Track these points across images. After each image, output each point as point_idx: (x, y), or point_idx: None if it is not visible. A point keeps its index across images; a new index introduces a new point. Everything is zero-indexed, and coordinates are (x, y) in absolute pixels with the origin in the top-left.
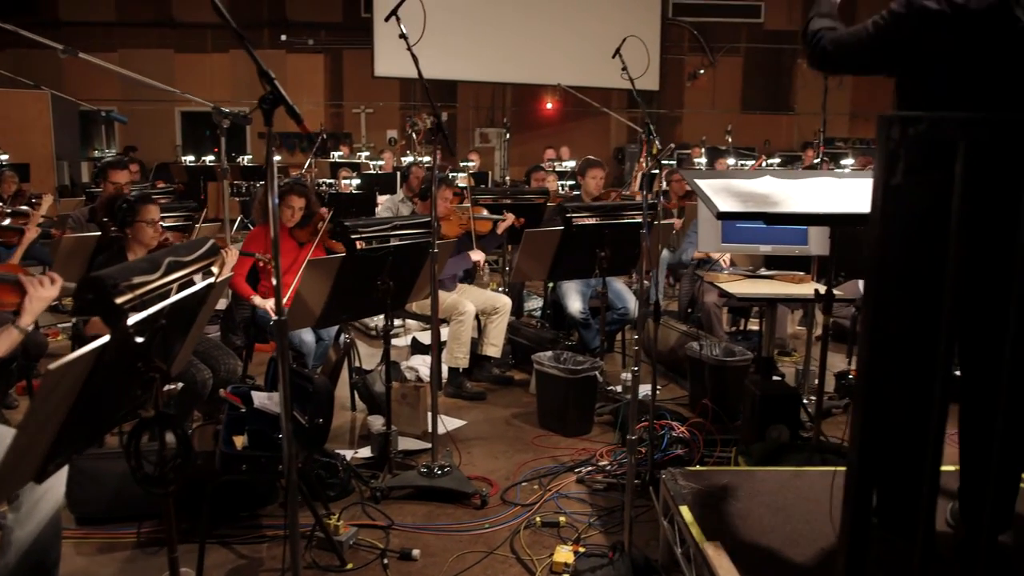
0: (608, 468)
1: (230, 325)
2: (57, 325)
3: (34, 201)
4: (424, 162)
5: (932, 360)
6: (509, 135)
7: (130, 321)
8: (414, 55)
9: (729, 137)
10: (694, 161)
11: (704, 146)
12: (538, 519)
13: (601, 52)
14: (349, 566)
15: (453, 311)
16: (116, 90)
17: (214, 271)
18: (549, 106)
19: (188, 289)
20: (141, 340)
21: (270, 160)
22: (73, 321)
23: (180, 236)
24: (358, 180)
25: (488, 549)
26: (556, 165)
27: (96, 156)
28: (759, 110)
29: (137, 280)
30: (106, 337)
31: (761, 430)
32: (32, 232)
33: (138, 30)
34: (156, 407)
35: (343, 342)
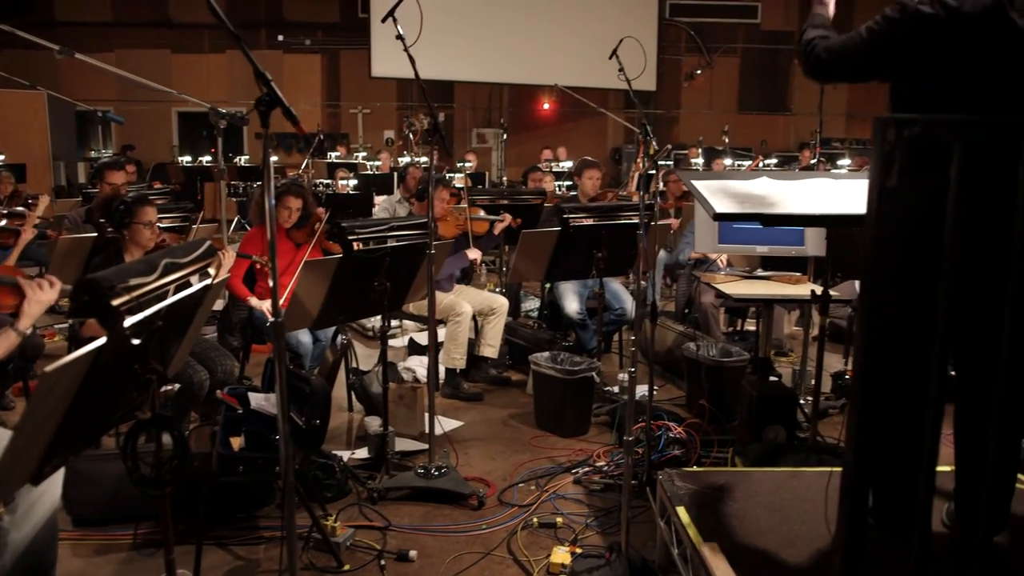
0: (605, 469)
1: (227, 326)
2: (54, 326)
3: (30, 202)
4: (421, 163)
5: (928, 361)
6: (506, 135)
7: (126, 323)
8: (411, 56)
9: (726, 137)
10: (691, 161)
11: (701, 146)
12: (535, 520)
13: (598, 52)
14: (346, 567)
15: (450, 312)
16: (113, 90)
17: (211, 272)
18: (546, 106)
19: (185, 291)
20: (137, 342)
21: (267, 161)
22: (70, 322)
23: (177, 238)
24: (355, 181)
25: (485, 550)
26: (553, 165)
27: (93, 156)
28: (756, 110)
29: (133, 282)
30: (103, 339)
31: (758, 431)
32: (28, 233)
33: (135, 30)
34: (153, 409)
35: (340, 343)
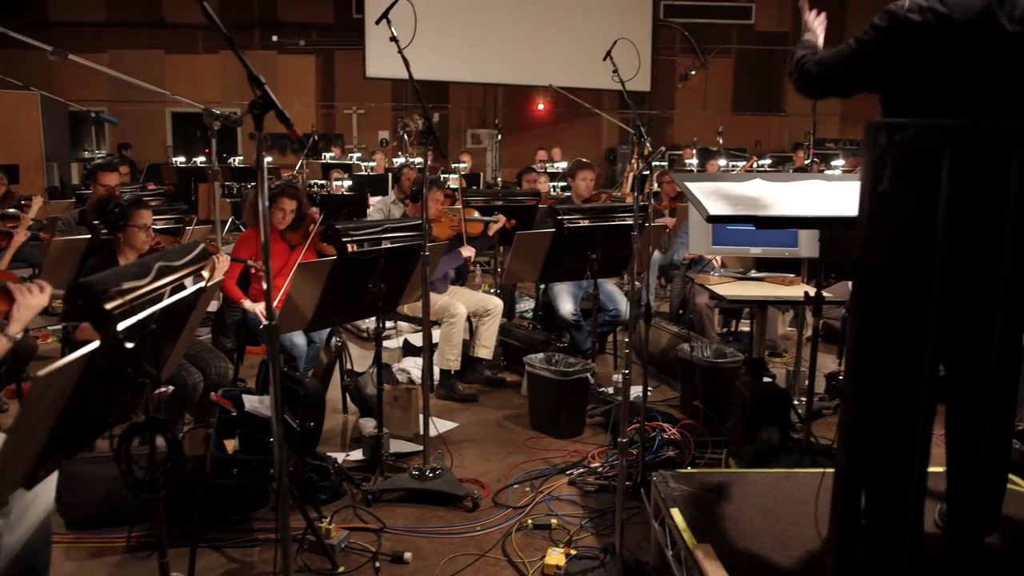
0: (600, 470)
1: (221, 328)
2: (47, 328)
3: (23, 203)
4: (416, 163)
5: (919, 362)
6: (500, 136)
7: (120, 327)
8: (405, 59)
9: (720, 138)
10: (685, 162)
11: (695, 147)
12: (530, 521)
13: (592, 53)
14: (341, 569)
15: (445, 313)
16: (106, 91)
17: (204, 275)
18: (541, 107)
19: (178, 294)
20: (131, 345)
21: (260, 164)
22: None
23: (172, 240)
24: (349, 182)
25: (480, 552)
26: (548, 166)
27: (86, 157)
28: (750, 111)
29: (127, 285)
30: (96, 343)
31: (752, 432)
32: (21, 235)
33: (128, 30)
34: (147, 412)
35: (334, 345)
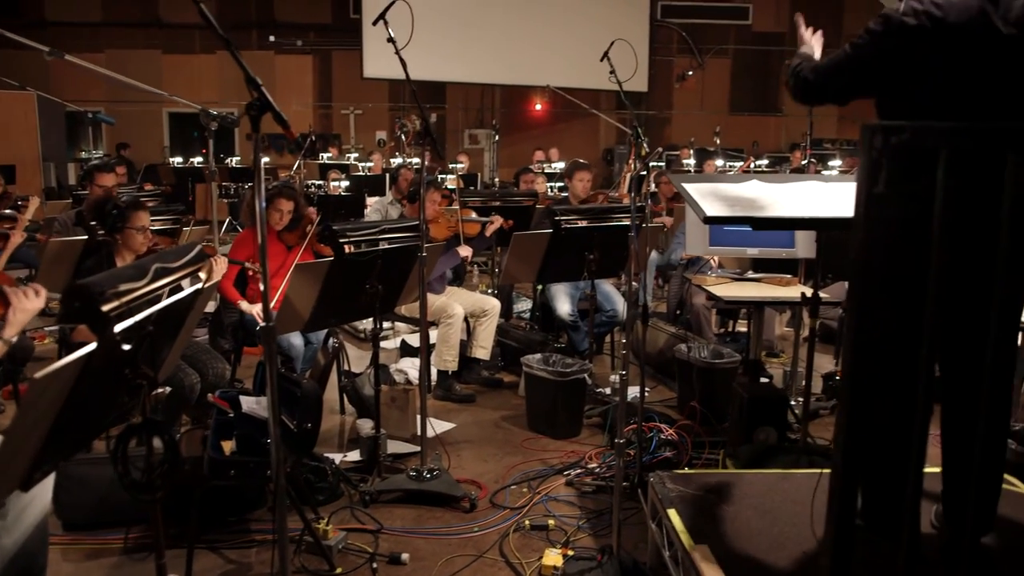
0: (597, 471)
1: (218, 328)
2: (44, 329)
3: (20, 204)
4: (413, 164)
5: (915, 363)
6: (498, 136)
7: (117, 328)
8: (402, 59)
9: (717, 138)
10: (683, 162)
11: (693, 147)
12: (527, 522)
13: (590, 53)
14: (338, 570)
15: (442, 314)
16: (103, 91)
17: (202, 277)
18: (538, 107)
19: (175, 295)
20: (128, 347)
21: (258, 165)
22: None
23: (170, 241)
24: (347, 182)
25: (477, 552)
26: (545, 167)
27: (83, 158)
28: (747, 111)
29: (124, 287)
30: (93, 345)
31: (749, 432)
32: (17, 237)
33: (125, 31)
34: (144, 413)
35: (331, 346)
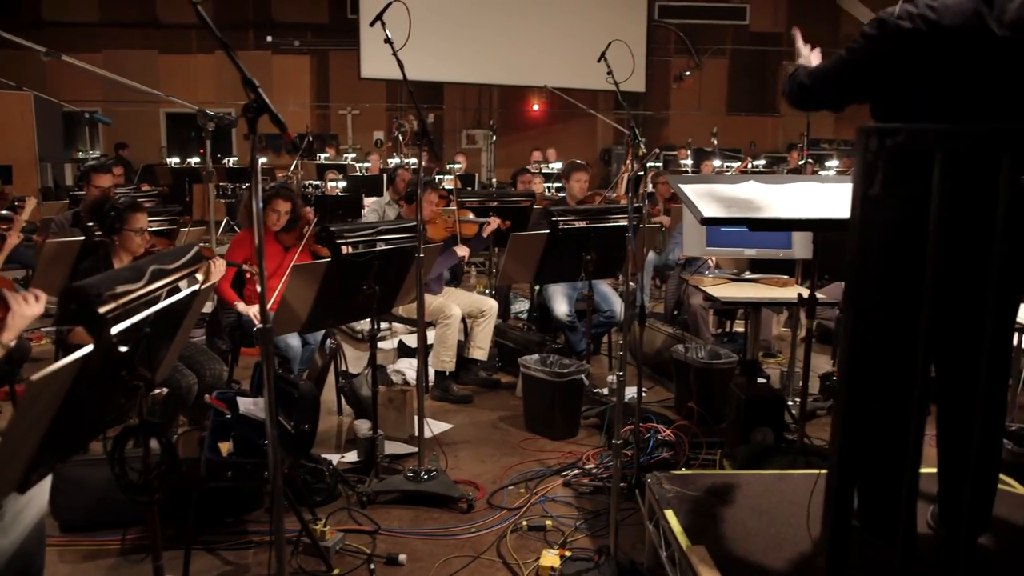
0: (594, 471)
1: (215, 329)
2: (41, 329)
3: (17, 205)
4: (411, 164)
5: (911, 363)
6: (496, 137)
7: (114, 330)
8: (399, 60)
9: (715, 139)
10: (680, 163)
11: (690, 148)
12: (524, 523)
13: (587, 53)
14: (336, 572)
15: (439, 314)
16: (100, 91)
17: (199, 278)
18: (536, 107)
19: (173, 297)
20: (125, 349)
21: (255, 167)
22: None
23: (167, 243)
24: (344, 183)
25: (475, 553)
26: (543, 167)
27: (80, 158)
28: (745, 112)
29: (121, 289)
30: (89, 347)
31: (746, 433)
32: (14, 238)
33: (122, 31)
34: (140, 415)
35: (329, 347)
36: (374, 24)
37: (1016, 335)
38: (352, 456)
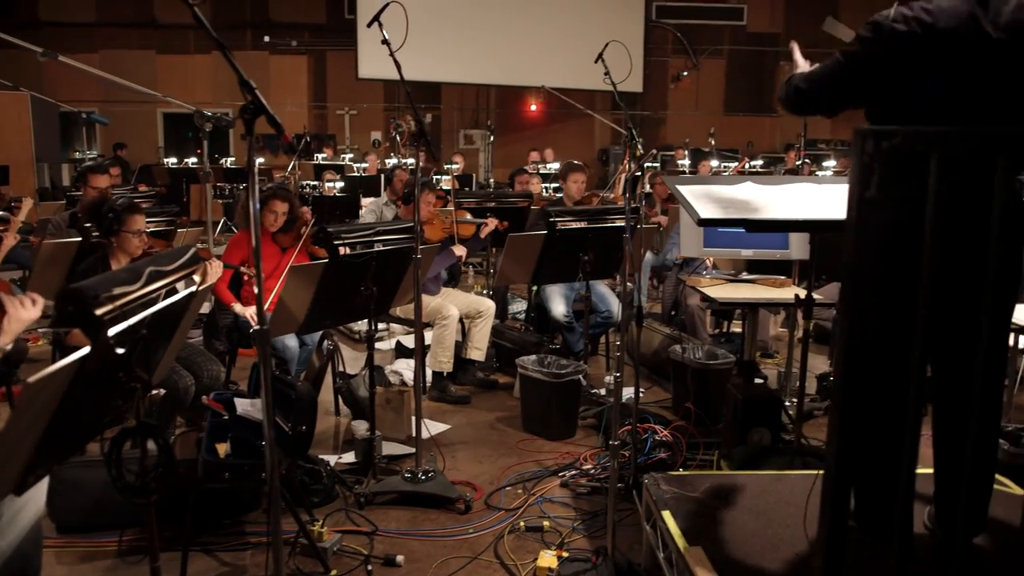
0: (592, 472)
1: (213, 330)
2: (38, 330)
3: (13, 205)
4: (408, 164)
5: (907, 364)
6: (493, 137)
7: (111, 332)
8: (397, 62)
9: (712, 139)
10: (677, 163)
11: (687, 148)
12: (522, 524)
13: (585, 54)
14: (333, 573)
15: (437, 315)
16: (97, 91)
17: (196, 279)
18: (533, 108)
19: (169, 298)
20: (122, 351)
21: (252, 168)
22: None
23: (165, 244)
24: (341, 183)
25: (472, 554)
26: (540, 167)
27: (77, 158)
28: (742, 112)
29: (118, 291)
30: (87, 348)
31: (743, 433)
32: (11, 239)
33: (119, 31)
34: (138, 417)
35: (326, 348)
36: (371, 25)
37: (1012, 335)
38: (350, 457)
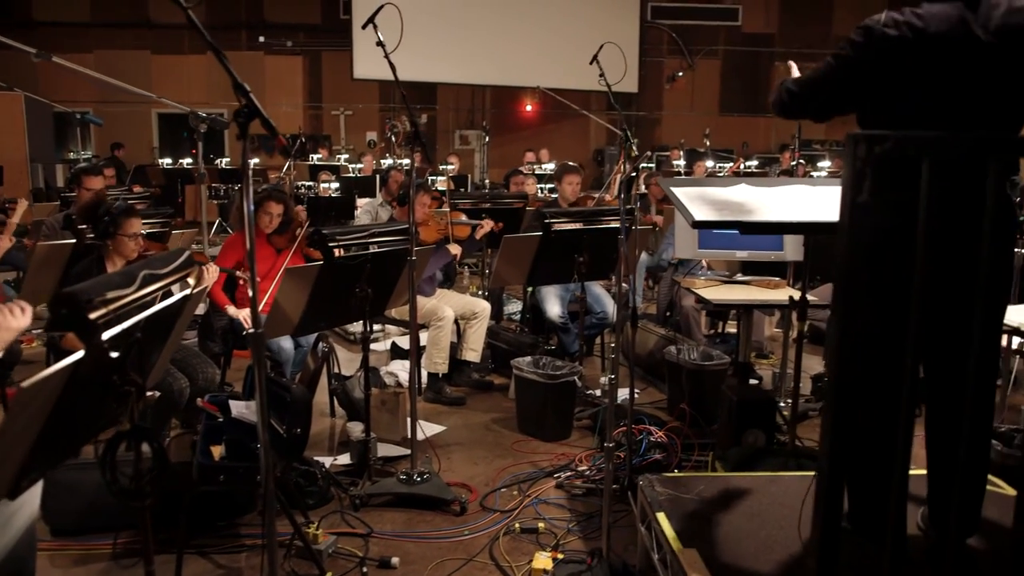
0: (587, 473)
1: (208, 332)
2: (32, 332)
3: (8, 206)
4: (404, 164)
5: (900, 365)
6: (489, 137)
7: (105, 336)
8: (391, 64)
9: (707, 140)
10: (673, 163)
11: (683, 148)
12: (517, 525)
13: (580, 54)
14: (328, 575)
15: (432, 316)
16: (92, 91)
17: (190, 282)
18: (528, 108)
19: (163, 302)
20: (116, 355)
21: (246, 171)
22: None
23: (161, 246)
24: (337, 184)
25: (467, 556)
26: (536, 168)
27: (72, 159)
28: (737, 112)
29: (111, 295)
30: (80, 353)
31: (738, 435)
32: (5, 241)
33: (114, 31)
34: (132, 420)
35: (321, 349)
36: (366, 27)
37: (1004, 336)
38: (345, 458)
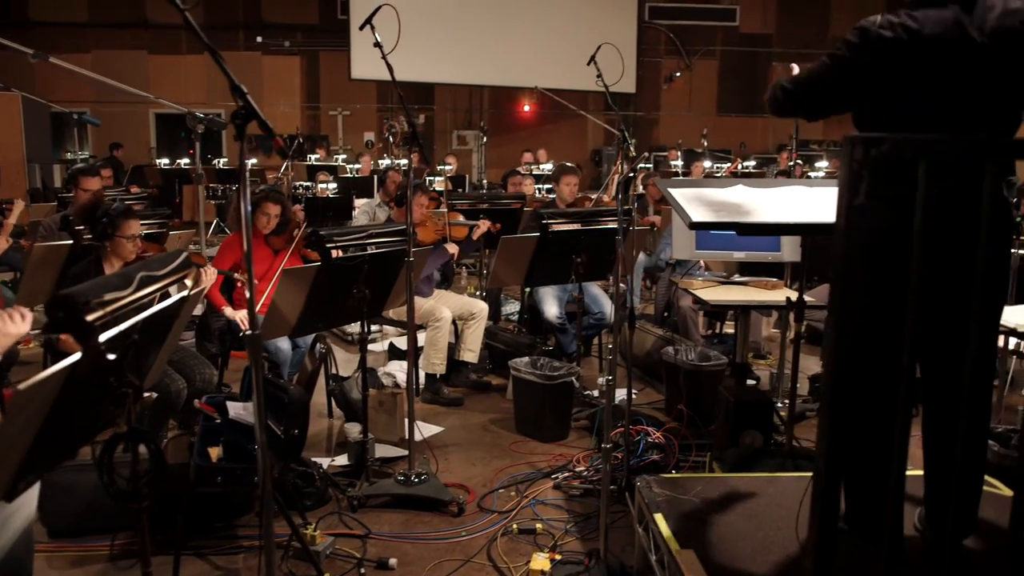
0: (585, 474)
1: (205, 333)
2: (29, 332)
3: (5, 207)
4: (402, 165)
5: (897, 366)
6: (486, 137)
7: (102, 338)
8: (389, 65)
9: (705, 140)
10: (670, 163)
11: (680, 148)
12: (515, 526)
13: (578, 54)
14: None
15: (430, 317)
16: (89, 91)
17: (188, 284)
18: (526, 108)
19: (161, 303)
20: (113, 356)
21: (243, 172)
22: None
23: (159, 248)
24: (335, 184)
25: (465, 557)
26: (533, 168)
27: (69, 159)
28: (735, 113)
29: (108, 297)
30: (77, 354)
31: (735, 436)
32: (2, 242)
33: (111, 31)
34: (129, 422)
35: (319, 351)
36: (363, 28)
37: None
38: (342, 459)
